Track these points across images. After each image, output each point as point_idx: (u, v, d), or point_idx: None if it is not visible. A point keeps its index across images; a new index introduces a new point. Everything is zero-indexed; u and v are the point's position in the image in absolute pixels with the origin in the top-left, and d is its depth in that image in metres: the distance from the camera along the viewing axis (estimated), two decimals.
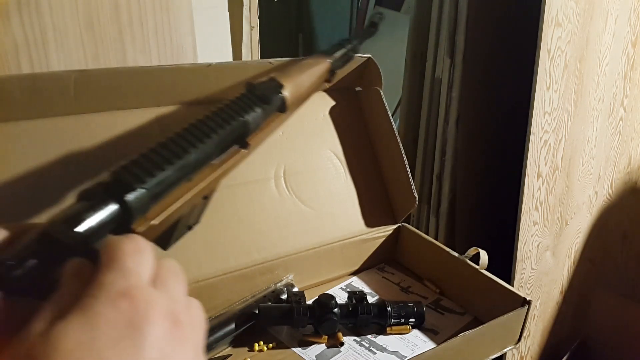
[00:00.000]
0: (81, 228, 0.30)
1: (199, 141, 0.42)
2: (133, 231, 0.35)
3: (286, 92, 0.58)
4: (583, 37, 1.10)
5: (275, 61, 0.77)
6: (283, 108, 0.58)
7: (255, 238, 0.77)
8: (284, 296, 0.76)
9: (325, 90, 0.89)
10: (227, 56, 1.09)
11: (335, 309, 0.71)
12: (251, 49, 1.12)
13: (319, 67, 0.69)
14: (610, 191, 1.37)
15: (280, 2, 2.59)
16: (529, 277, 1.18)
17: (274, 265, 0.77)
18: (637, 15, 1.22)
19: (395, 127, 0.88)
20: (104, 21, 0.76)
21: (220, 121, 0.46)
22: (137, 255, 0.27)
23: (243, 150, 0.51)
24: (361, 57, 0.88)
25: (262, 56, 1.13)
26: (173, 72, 0.71)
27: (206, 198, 0.47)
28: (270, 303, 0.74)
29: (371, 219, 0.88)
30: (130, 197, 0.34)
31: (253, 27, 1.11)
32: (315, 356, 0.69)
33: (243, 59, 1.10)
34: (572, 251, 1.32)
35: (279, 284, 0.77)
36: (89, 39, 0.75)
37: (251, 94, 0.53)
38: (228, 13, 1.06)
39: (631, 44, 1.24)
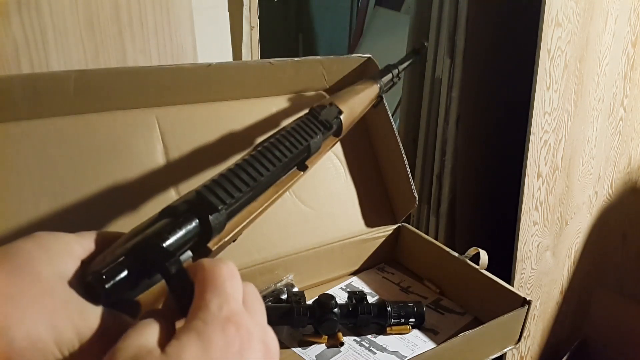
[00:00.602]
0: (167, 244, 0.31)
1: (271, 164, 0.45)
2: (209, 249, 0.36)
3: (343, 117, 0.60)
4: (583, 37, 1.10)
5: (275, 61, 0.77)
6: (339, 132, 0.60)
7: (255, 238, 0.77)
8: (284, 296, 0.76)
9: (325, 90, 0.89)
10: (227, 56, 1.09)
11: (335, 309, 0.71)
12: (251, 49, 1.12)
13: (369, 92, 0.70)
14: (610, 191, 1.37)
15: (280, 2, 2.59)
16: (529, 277, 1.18)
17: (274, 265, 0.77)
18: (637, 15, 1.22)
19: (395, 127, 0.88)
20: (104, 21, 0.76)
21: (288, 144, 0.48)
22: (234, 280, 0.29)
23: (301, 173, 0.53)
24: (361, 57, 0.88)
25: (262, 56, 1.13)
26: (173, 72, 0.71)
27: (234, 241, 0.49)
28: (270, 303, 0.74)
29: (371, 219, 0.88)
30: (212, 217, 0.35)
31: (253, 27, 1.11)
32: (315, 356, 0.69)
33: (243, 59, 1.10)
34: (572, 251, 1.32)
35: (279, 284, 0.77)
36: (89, 39, 0.75)
37: (315, 119, 0.55)
38: (228, 13, 1.06)
39: (631, 44, 1.24)
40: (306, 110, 0.58)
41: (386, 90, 0.77)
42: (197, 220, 0.34)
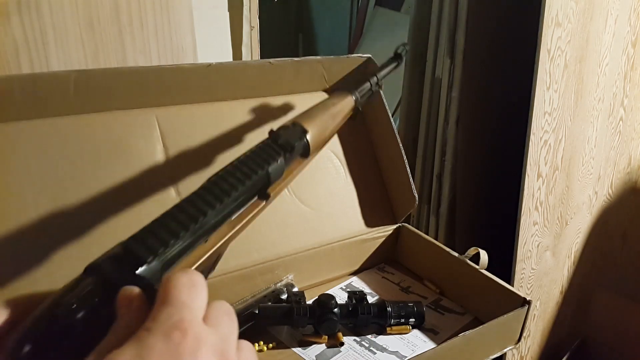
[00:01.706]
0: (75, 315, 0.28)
1: (218, 201, 0.39)
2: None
3: (309, 137, 0.55)
4: (583, 37, 1.10)
5: (275, 61, 0.77)
6: (306, 153, 0.56)
7: (255, 238, 0.77)
8: (284, 296, 0.76)
9: (325, 90, 0.89)
10: (227, 56, 1.09)
11: (335, 309, 0.71)
12: (251, 49, 1.12)
13: (342, 105, 0.66)
14: (610, 191, 1.37)
15: (280, 2, 2.59)
16: (529, 277, 1.18)
17: (274, 265, 0.77)
18: (637, 15, 1.22)
19: (395, 127, 0.88)
20: (104, 21, 0.76)
21: (240, 176, 0.43)
22: (192, 290, 0.28)
23: (264, 202, 0.48)
24: (361, 57, 0.88)
25: (262, 56, 1.13)
26: (173, 72, 0.71)
27: (217, 260, 0.45)
28: (270, 303, 0.74)
29: (371, 219, 0.88)
30: (142, 270, 0.32)
31: (253, 27, 1.11)
32: (315, 356, 0.69)
33: (243, 59, 1.10)
34: (572, 251, 1.32)
35: (279, 284, 0.77)
36: (89, 39, 0.76)
37: (274, 143, 0.50)
38: (228, 13, 1.06)
39: (631, 44, 1.24)
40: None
41: (365, 102, 0.73)
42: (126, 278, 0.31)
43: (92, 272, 0.31)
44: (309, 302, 0.73)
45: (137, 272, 0.31)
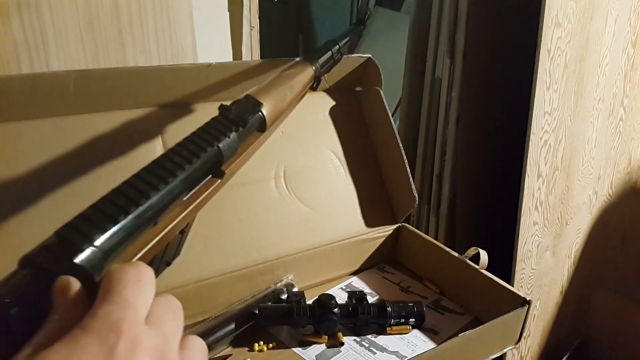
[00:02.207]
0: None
1: (163, 182, 0.37)
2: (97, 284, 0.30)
3: (265, 110, 0.53)
4: (583, 37, 1.10)
5: (275, 61, 0.77)
6: (262, 127, 0.54)
7: (255, 238, 0.77)
8: (284, 296, 0.76)
9: (325, 90, 0.89)
10: (227, 56, 1.09)
11: (335, 309, 0.71)
12: (251, 49, 1.12)
13: (302, 77, 0.65)
14: (610, 191, 1.37)
15: (280, 2, 2.59)
16: (529, 277, 1.18)
17: (274, 265, 0.77)
18: (637, 15, 1.22)
19: (395, 127, 0.88)
20: (104, 21, 0.76)
21: (187, 155, 0.41)
22: (137, 285, 0.26)
23: (219, 180, 0.46)
24: (361, 57, 0.88)
25: (262, 56, 1.14)
26: (173, 72, 0.71)
27: (183, 232, 0.44)
28: (270, 303, 0.74)
29: (371, 219, 0.88)
30: (79, 260, 0.29)
31: (253, 27, 1.11)
32: (315, 356, 0.69)
33: (243, 59, 1.10)
34: (572, 251, 1.32)
35: (279, 284, 0.77)
36: (89, 39, 0.75)
37: (225, 119, 0.48)
38: (228, 13, 1.06)
39: (631, 44, 1.24)
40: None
41: (327, 70, 0.71)
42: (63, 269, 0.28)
43: (26, 263, 0.29)
44: (309, 302, 0.73)
45: (74, 261, 0.29)
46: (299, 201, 0.82)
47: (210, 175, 0.45)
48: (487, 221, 1.32)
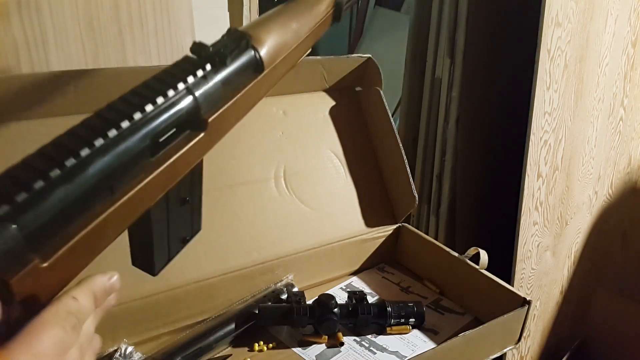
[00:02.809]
0: None
1: (100, 137, 0.29)
2: (9, 285, 0.24)
3: (259, 44, 0.41)
4: (583, 37, 1.09)
5: None
6: (259, 67, 0.41)
7: (255, 238, 0.77)
8: (284, 296, 0.76)
9: (325, 90, 0.89)
10: None
11: (335, 309, 0.71)
12: None
13: (316, 6, 0.51)
14: (610, 191, 1.37)
15: (280, 2, 2.59)
16: (529, 277, 1.18)
17: (274, 265, 0.77)
18: (637, 15, 1.22)
19: (395, 127, 0.88)
20: (104, 21, 0.76)
21: (139, 101, 0.32)
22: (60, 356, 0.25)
23: (202, 134, 0.36)
24: (361, 57, 0.88)
25: None
26: None
27: (186, 202, 0.37)
28: (270, 303, 0.74)
29: (371, 219, 0.88)
30: None
31: None
32: (315, 356, 0.69)
33: None
34: (572, 251, 1.32)
35: (279, 284, 0.77)
36: (89, 39, 0.75)
37: (198, 57, 0.36)
38: (228, 13, 1.06)
39: (631, 44, 1.24)
40: None
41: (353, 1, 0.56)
42: None
43: None
44: (309, 302, 0.73)
45: None
46: (299, 201, 0.82)
47: (190, 130, 0.35)
48: (487, 221, 1.32)
